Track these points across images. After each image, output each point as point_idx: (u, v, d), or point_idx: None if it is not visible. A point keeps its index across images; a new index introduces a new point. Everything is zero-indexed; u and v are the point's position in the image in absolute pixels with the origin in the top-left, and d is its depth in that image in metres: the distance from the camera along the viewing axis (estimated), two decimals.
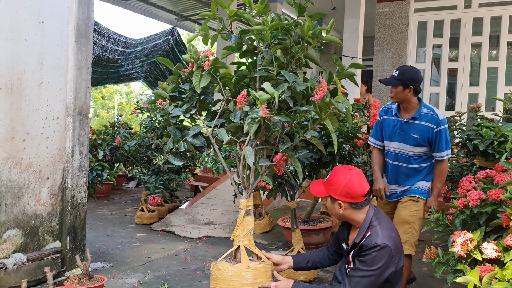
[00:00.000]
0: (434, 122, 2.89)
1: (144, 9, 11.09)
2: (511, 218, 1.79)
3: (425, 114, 2.92)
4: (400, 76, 2.85)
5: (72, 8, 3.25)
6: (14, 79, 2.94)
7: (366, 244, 2.13)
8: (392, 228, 2.22)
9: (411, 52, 8.41)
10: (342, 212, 2.25)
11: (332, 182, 2.25)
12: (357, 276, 2.09)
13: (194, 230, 5.23)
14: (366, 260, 2.09)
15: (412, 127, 2.94)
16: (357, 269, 2.12)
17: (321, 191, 2.32)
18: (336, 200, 2.24)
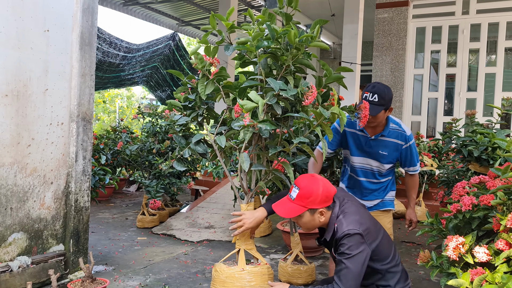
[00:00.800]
0: (402, 138, 2.82)
1: (146, 14, 11.19)
2: (501, 223, 1.85)
3: (393, 131, 2.83)
4: (382, 101, 2.64)
5: (76, 17, 3.33)
6: (20, 86, 3.02)
7: (338, 237, 2.13)
8: (357, 212, 2.19)
9: (409, 58, 8.50)
10: (323, 219, 2.19)
11: (307, 194, 2.14)
12: (342, 269, 2.08)
13: (195, 233, 5.29)
14: (344, 251, 2.08)
15: (381, 144, 2.83)
16: (340, 262, 2.11)
17: (294, 209, 2.16)
18: (317, 210, 2.16)
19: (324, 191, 2.15)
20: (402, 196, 6.87)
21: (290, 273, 3.63)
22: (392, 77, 8.51)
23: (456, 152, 3.45)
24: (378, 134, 2.82)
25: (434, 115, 8.49)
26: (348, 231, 2.08)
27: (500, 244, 1.84)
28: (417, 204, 6.42)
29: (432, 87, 8.55)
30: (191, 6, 10.73)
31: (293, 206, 2.17)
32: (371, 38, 9.06)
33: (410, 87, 8.54)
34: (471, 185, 2.41)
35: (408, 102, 8.54)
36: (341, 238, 2.09)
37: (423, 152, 6.19)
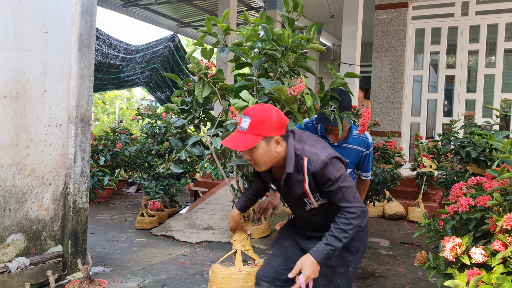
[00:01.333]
0: (365, 145, 2.79)
1: (145, 16, 11.21)
2: (497, 224, 1.85)
3: (356, 138, 2.78)
4: (342, 109, 2.58)
5: (75, 19, 3.34)
6: (18, 88, 3.02)
7: (317, 170, 1.92)
8: (318, 139, 2.06)
9: (409, 59, 8.51)
10: (279, 150, 1.93)
11: (260, 121, 1.87)
12: (344, 193, 1.93)
13: (194, 235, 5.29)
14: (333, 178, 1.92)
15: (344, 151, 2.75)
16: (336, 190, 1.94)
17: (249, 140, 1.87)
18: (273, 138, 1.89)
19: (278, 117, 1.90)
20: (401, 197, 6.88)
21: None
22: (392, 78, 8.51)
23: (454, 154, 3.46)
24: (341, 141, 2.76)
25: (433, 116, 8.49)
26: (324, 158, 1.91)
27: (496, 245, 1.84)
28: (416, 205, 6.42)
29: (431, 88, 8.55)
30: (190, 7, 10.74)
31: (246, 137, 1.87)
32: (371, 40, 9.06)
33: (409, 88, 8.55)
34: (469, 186, 2.41)
35: (407, 103, 8.54)
36: (323, 168, 1.90)
37: (422, 154, 6.20)
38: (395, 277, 3.95)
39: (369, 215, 6.71)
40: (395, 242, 5.20)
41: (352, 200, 1.94)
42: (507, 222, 1.78)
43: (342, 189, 1.94)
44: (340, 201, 1.96)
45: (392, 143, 5.39)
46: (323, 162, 1.91)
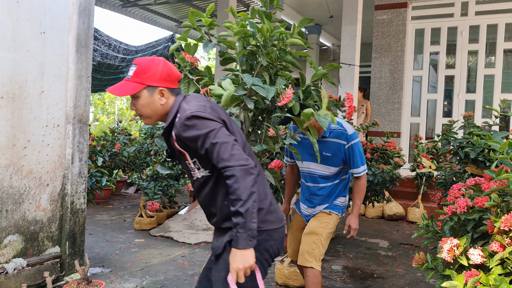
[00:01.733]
0: (344, 137, 2.72)
1: (145, 16, 11.20)
2: (495, 225, 1.84)
3: (334, 131, 2.74)
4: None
5: (72, 19, 3.33)
6: (15, 88, 3.01)
7: (181, 125, 1.75)
8: (206, 100, 1.87)
9: (408, 59, 8.50)
10: (163, 103, 1.83)
11: (145, 69, 1.81)
12: (215, 151, 1.71)
13: (192, 235, 5.28)
14: (199, 133, 1.72)
15: (323, 146, 2.73)
16: (208, 146, 1.72)
17: (130, 87, 1.80)
18: (157, 88, 1.80)
19: (165, 68, 1.81)
20: (400, 198, 6.87)
21: (287, 275, 3.63)
22: (391, 79, 8.50)
23: (453, 154, 3.45)
24: (319, 136, 2.71)
25: (433, 117, 8.48)
26: (189, 113, 1.72)
27: (494, 246, 1.83)
28: (416, 206, 6.41)
29: (431, 89, 8.54)
30: (189, 7, 10.73)
31: (129, 84, 1.81)
32: (370, 40, 9.05)
33: (409, 88, 8.54)
34: (467, 187, 2.41)
35: (407, 104, 8.53)
36: (186, 122, 1.72)
37: (422, 154, 6.19)
38: (394, 278, 3.94)
39: (368, 215, 6.75)
40: (394, 243, 5.19)
41: (229, 158, 1.69)
42: (505, 223, 1.77)
43: (216, 146, 1.70)
44: (217, 161, 1.72)
45: (391, 143, 5.38)
46: (186, 116, 1.72)
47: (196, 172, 1.86)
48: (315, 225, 2.78)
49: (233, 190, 1.68)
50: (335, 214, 2.82)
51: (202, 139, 1.72)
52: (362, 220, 6.48)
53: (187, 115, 1.72)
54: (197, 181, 1.90)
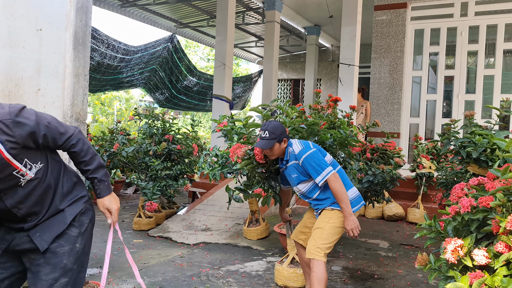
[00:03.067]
0: (294, 158, 3.00)
1: (144, 16, 11.16)
2: (500, 225, 1.81)
3: (290, 154, 3.04)
4: (272, 135, 2.95)
5: (70, 16, 3.28)
6: (11, 86, 2.97)
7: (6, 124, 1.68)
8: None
9: (408, 60, 8.47)
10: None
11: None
12: (48, 130, 1.77)
13: (191, 236, 5.24)
14: (29, 122, 1.71)
15: (288, 169, 3.08)
16: (42, 132, 1.75)
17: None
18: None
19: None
20: (400, 198, 6.83)
21: (287, 276, 3.58)
22: (391, 79, 8.48)
23: (454, 154, 3.41)
24: (284, 162, 3.09)
25: (432, 117, 8.45)
26: (10, 109, 1.68)
27: (500, 247, 1.79)
28: (416, 207, 6.38)
29: (430, 89, 8.52)
30: (189, 8, 10.70)
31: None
32: (370, 40, 9.03)
33: (408, 89, 8.51)
34: (470, 187, 2.37)
35: (406, 104, 8.51)
36: (14, 120, 1.67)
37: (422, 154, 6.15)
38: (395, 279, 3.90)
39: (368, 216, 6.71)
40: (394, 244, 5.15)
41: (67, 131, 1.82)
42: (511, 223, 1.73)
43: (47, 127, 1.75)
44: (55, 141, 1.80)
45: (391, 144, 5.34)
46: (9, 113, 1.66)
47: (28, 173, 1.75)
48: (319, 221, 3.00)
49: (84, 151, 1.88)
50: (337, 210, 2.95)
51: (30, 127, 1.71)
52: (362, 221, 6.44)
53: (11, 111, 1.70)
54: (30, 183, 1.77)
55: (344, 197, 2.87)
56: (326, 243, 2.90)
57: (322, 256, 2.87)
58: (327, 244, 2.91)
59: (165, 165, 5.89)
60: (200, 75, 13.01)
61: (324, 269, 2.85)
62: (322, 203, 3.01)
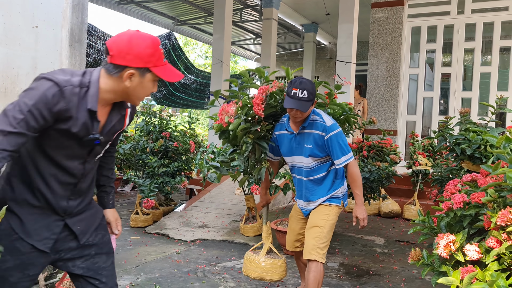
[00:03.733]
0: (322, 129, 2.75)
1: (141, 13, 11.14)
2: (491, 220, 1.83)
3: (313, 122, 2.79)
4: (311, 96, 2.66)
5: (66, 13, 3.29)
6: (7, 83, 2.97)
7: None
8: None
9: (405, 57, 8.49)
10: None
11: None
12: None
13: (188, 233, 5.26)
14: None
15: (304, 138, 2.80)
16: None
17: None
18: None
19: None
20: (396, 195, 6.86)
21: (264, 268, 3.16)
22: (388, 77, 8.50)
23: (449, 151, 3.43)
24: (300, 128, 2.81)
25: (429, 115, 8.48)
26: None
27: (491, 242, 1.81)
28: (412, 203, 6.41)
29: (427, 87, 8.54)
30: (186, 5, 10.69)
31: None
32: (367, 38, 9.04)
33: (405, 86, 8.54)
34: (463, 183, 2.39)
35: (403, 102, 8.53)
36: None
37: (418, 152, 6.18)
38: (390, 275, 3.93)
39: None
40: (390, 240, 5.18)
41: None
42: (502, 218, 1.75)
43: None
44: None
45: (387, 141, 5.37)
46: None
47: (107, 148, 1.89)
48: (316, 218, 2.83)
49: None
50: (335, 205, 2.85)
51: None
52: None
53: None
54: (99, 159, 1.84)
55: (361, 184, 2.80)
56: (325, 241, 2.80)
57: (322, 257, 2.77)
58: (326, 242, 2.81)
59: (162, 162, 5.90)
60: (198, 73, 13.01)
61: (322, 270, 2.78)
62: (316, 192, 2.85)
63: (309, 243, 2.80)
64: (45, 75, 1.57)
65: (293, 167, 2.96)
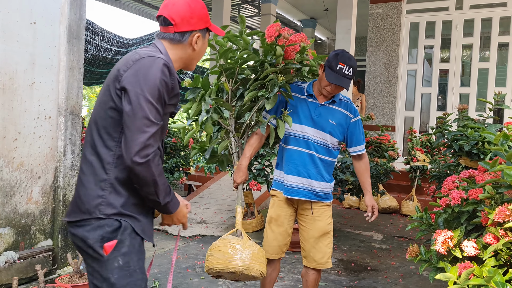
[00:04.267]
0: (352, 110, 2.60)
1: (139, 8, 11.10)
2: (489, 217, 1.84)
3: (343, 101, 2.61)
4: (354, 74, 2.47)
5: (64, 9, 3.28)
6: (6, 79, 2.97)
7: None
8: None
9: (403, 53, 8.49)
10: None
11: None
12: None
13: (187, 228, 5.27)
14: None
15: (330, 112, 2.56)
16: None
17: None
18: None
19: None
20: (394, 191, 6.89)
21: (251, 256, 2.41)
22: (386, 72, 8.50)
23: (447, 147, 3.44)
24: (329, 100, 2.56)
25: (427, 111, 8.50)
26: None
27: (488, 238, 1.82)
28: (410, 199, 6.43)
29: (425, 83, 8.55)
30: None
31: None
32: (365, 34, 9.03)
33: (403, 82, 8.54)
34: (461, 180, 2.40)
35: (401, 97, 8.54)
36: None
37: (416, 147, 6.20)
38: (388, 271, 3.95)
39: (362, 208, 6.76)
40: (388, 236, 5.20)
41: None
42: (499, 215, 1.76)
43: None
44: None
45: (386, 137, 5.38)
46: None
47: None
48: (324, 224, 2.62)
49: None
50: (330, 203, 2.69)
51: None
52: (356, 213, 6.50)
53: None
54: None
55: (369, 174, 2.71)
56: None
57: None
58: None
59: None
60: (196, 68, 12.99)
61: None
62: (323, 173, 2.56)
63: (325, 251, 2.62)
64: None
65: (296, 138, 2.56)
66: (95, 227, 1.52)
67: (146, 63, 1.52)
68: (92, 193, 1.54)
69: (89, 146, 1.59)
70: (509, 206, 1.74)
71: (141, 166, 1.44)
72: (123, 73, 1.53)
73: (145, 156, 1.44)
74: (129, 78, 1.50)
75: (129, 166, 1.45)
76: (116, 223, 1.53)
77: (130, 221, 1.58)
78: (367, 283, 3.65)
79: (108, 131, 1.55)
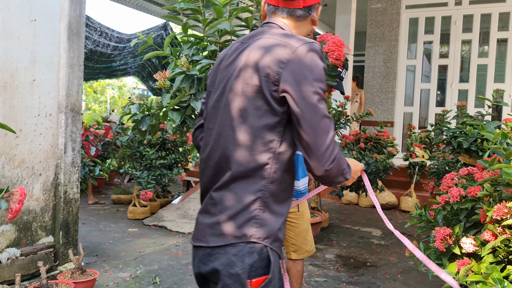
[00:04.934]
0: None
1: (137, 3, 11.06)
2: (487, 214, 1.86)
3: None
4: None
5: (64, 6, 3.28)
6: (6, 77, 2.97)
7: None
8: None
9: (402, 48, 8.49)
10: None
11: None
12: None
13: (186, 225, 5.29)
14: None
15: None
16: None
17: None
18: None
19: None
20: (393, 187, 6.91)
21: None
22: (385, 68, 8.50)
23: (446, 144, 3.46)
24: None
25: (426, 106, 8.51)
26: None
27: (486, 235, 1.85)
28: (409, 195, 6.46)
29: (424, 78, 8.56)
30: None
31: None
32: (364, 29, 9.02)
33: (402, 77, 8.55)
34: (460, 177, 2.42)
35: (400, 93, 8.55)
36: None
37: (415, 143, 6.22)
38: (387, 267, 3.98)
39: (361, 204, 6.80)
40: (387, 232, 5.23)
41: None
42: (497, 212, 1.78)
43: None
44: None
45: (384, 133, 5.39)
46: None
47: None
48: (309, 214, 2.80)
49: None
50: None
51: None
52: (355, 209, 6.53)
53: None
54: None
55: None
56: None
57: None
58: None
59: (160, 154, 5.91)
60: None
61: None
62: (302, 174, 2.74)
63: (311, 239, 2.77)
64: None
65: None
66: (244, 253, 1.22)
67: (304, 53, 1.24)
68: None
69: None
70: (507, 204, 1.76)
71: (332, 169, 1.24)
72: (280, 70, 1.22)
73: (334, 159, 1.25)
74: (291, 75, 1.22)
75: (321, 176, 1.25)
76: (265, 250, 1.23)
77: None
78: (366, 279, 3.68)
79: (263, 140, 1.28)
